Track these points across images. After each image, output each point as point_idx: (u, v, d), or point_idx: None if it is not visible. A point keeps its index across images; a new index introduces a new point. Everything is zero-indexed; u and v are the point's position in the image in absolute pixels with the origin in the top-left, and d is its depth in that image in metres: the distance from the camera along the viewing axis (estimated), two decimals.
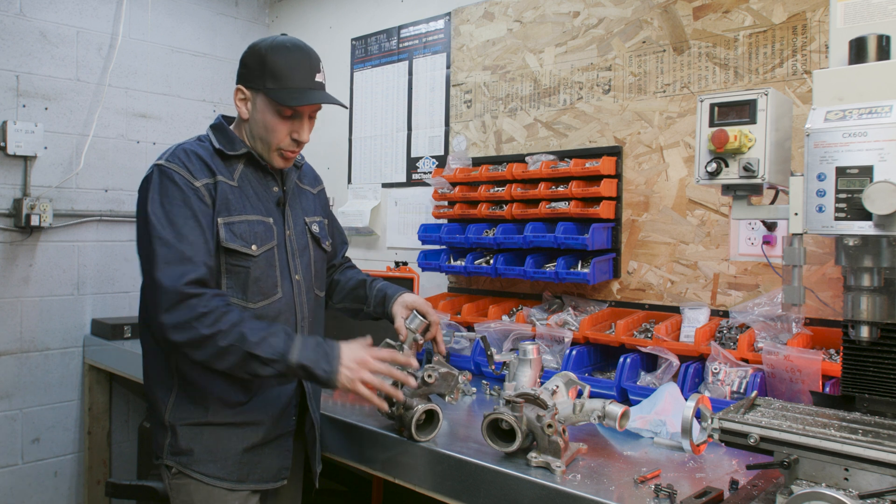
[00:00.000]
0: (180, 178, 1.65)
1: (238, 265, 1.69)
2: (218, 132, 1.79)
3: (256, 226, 1.73)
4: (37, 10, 3.22)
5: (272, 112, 1.71)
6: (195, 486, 1.70)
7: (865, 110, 1.31)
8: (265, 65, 1.70)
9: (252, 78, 1.73)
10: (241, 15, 4.00)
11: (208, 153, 1.73)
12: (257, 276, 1.71)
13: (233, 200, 1.70)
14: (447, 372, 1.79)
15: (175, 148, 1.73)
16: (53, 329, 3.32)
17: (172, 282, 1.55)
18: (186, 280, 1.56)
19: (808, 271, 2.07)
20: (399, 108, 3.38)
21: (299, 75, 1.70)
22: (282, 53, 1.70)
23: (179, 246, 1.59)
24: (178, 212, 1.62)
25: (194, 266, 1.58)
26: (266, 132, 1.73)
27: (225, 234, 1.66)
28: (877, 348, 1.42)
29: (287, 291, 1.78)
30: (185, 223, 1.61)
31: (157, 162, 1.68)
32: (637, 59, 2.50)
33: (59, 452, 3.38)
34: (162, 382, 1.74)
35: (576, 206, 2.46)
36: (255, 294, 1.71)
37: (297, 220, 1.85)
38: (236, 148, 1.75)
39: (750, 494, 1.35)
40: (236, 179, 1.74)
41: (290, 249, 1.80)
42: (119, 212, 3.50)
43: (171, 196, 1.63)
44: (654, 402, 1.87)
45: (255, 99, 1.73)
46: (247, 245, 1.69)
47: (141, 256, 1.65)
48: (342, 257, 2.12)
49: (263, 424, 1.75)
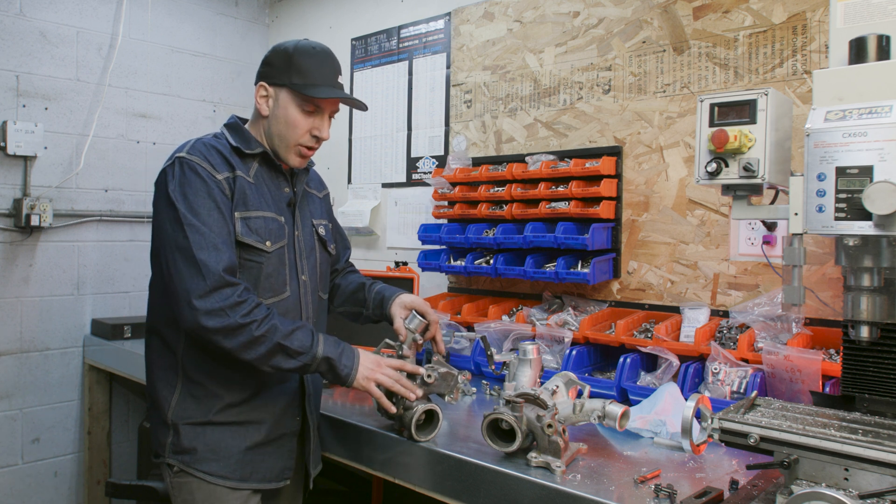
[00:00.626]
0: (202, 169, 1.66)
1: (251, 260, 1.71)
2: (233, 131, 1.80)
3: (271, 223, 1.75)
4: (37, 10, 3.22)
5: (295, 106, 1.74)
6: (197, 484, 1.70)
7: (865, 110, 1.31)
8: (291, 62, 1.73)
9: (276, 74, 1.75)
10: (241, 15, 4.00)
11: (226, 149, 1.75)
12: (269, 272, 1.73)
13: (250, 196, 1.72)
14: (447, 372, 1.79)
15: (194, 141, 1.75)
16: (53, 329, 3.32)
17: (210, 267, 1.58)
18: (223, 267, 1.59)
19: (808, 271, 2.07)
20: (399, 108, 3.38)
21: (324, 73, 1.76)
22: (308, 53, 1.76)
23: (210, 233, 1.61)
24: (202, 202, 1.63)
25: (225, 254, 1.61)
26: (287, 128, 1.75)
27: (241, 229, 1.69)
28: (877, 348, 1.42)
29: (294, 290, 1.80)
30: (210, 214, 1.63)
31: (178, 154, 1.69)
32: (637, 59, 2.50)
33: (59, 452, 3.38)
34: (166, 381, 1.74)
35: (576, 206, 2.46)
36: (266, 290, 1.73)
37: (305, 222, 1.87)
38: (252, 147, 1.77)
39: (750, 494, 1.35)
40: (252, 177, 1.76)
41: (298, 250, 1.82)
42: (119, 212, 3.50)
43: (195, 186, 1.64)
44: (654, 402, 1.87)
45: (278, 95, 1.75)
46: (261, 241, 1.72)
47: (165, 246, 1.65)
48: (345, 262, 2.13)
49: (265, 423, 1.75)
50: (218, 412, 1.71)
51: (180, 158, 1.68)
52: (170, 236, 1.63)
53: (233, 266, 1.63)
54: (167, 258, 1.64)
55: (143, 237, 3.58)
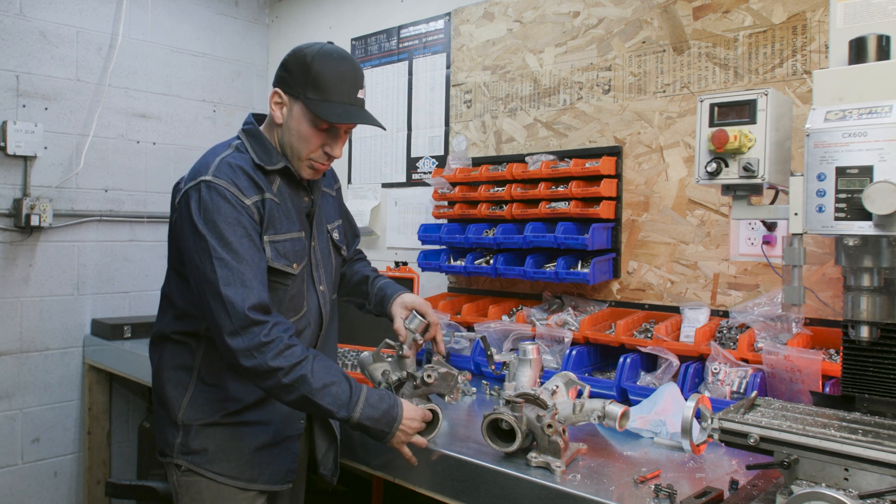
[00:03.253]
0: (231, 195, 1.59)
1: (278, 282, 1.67)
2: (253, 140, 1.71)
3: (297, 244, 1.72)
4: (37, 10, 3.22)
5: (308, 122, 1.65)
6: (206, 483, 1.70)
7: (865, 110, 1.31)
8: (309, 73, 1.63)
9: (293, 84, 1.65)
10: (241, 15, 4.00)
11: (251, 167, 1.66)
12: (293, 293, 1.71)
13: (278, 218, 1.67)
14: (447, 372, 1.79)
15: (219, 161, 1.64)
16: (53, 329, 3.32)
17: (238, 306, 1.52)
18: (249, 305, 1.53)
19: (808, 271, 2.07)
20: (399, 108, 3.38)
21: (342, 90, 1.65)
22: (328, 63, 1.64)
23: (239, 267, 1.55)
24: (232, 231, 1.57)
25: (254, 290, 1.55)
26: (299, 141, 1.67)
27: (271, 254, 1.64)
28: (877, 348, 1.42)
29: (312, 304, 1.77)
30: (241, 242, 1.57)
31: (204, 178, 1.60)
32: (637, 59, 2.50)
33: (59, 452, 3.38)
34: (176, 382, 1.73)
35: (576, 206, 2.46)
36: (289, 311, 1.71)
37: (320, 231, 1.84)
38: (274, 162, 1.70)
39: (750, 494, 1.35)
40: (277, 195, 1.70)
41: (314, 262, 1.79)
42: (119, 212, 3.50)
43: (225, 214, 1.57)
44: (654, 402, 1.87)
45: (292, 106, 1.66)
46: (289, 264, 1.68)
47: (194, 276, 1.60)
48: (353, 250, 2.12)
49: (272, 424, 1.75)
50: (228, 413, 1.71)
51: (207, 182, 1.59)
52: (198, 268, 1.58)
53: (261, 303, 1.55)
54: (198, 288, 1.60)
55: (143, 237, 3.58)
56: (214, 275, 1.54)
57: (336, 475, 1.87)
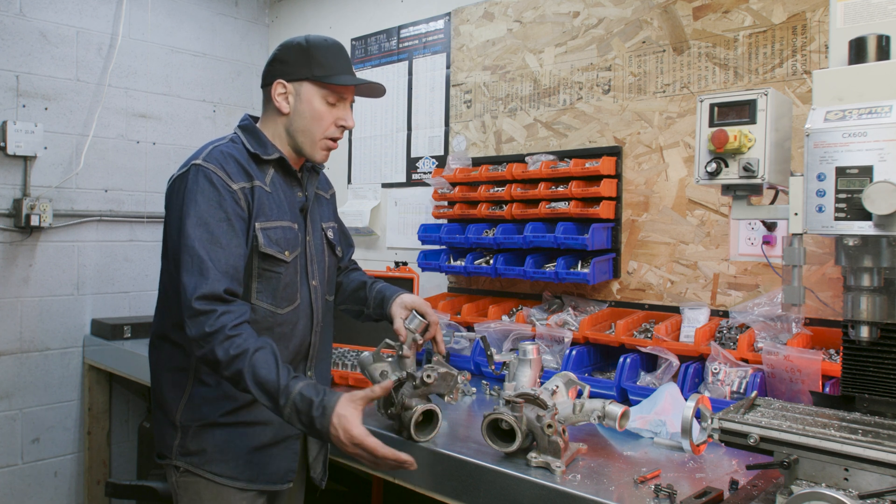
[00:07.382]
0: (218, 178, 1.62)
1: (271, 270, 1.69)
2: (249, 133, 1.76)
3: (288, 232, 1.73)
4: (37, 10, 3.22)
5: (320, 98, 1.73)
6: (205, 484, 1.70)
7: (865, 110, 1.31)
8: (309, 54, 1.73)
9: (295, 69, 1.73)
10: (240, 15, 4.00)
11: (243, 156, 1.70)
12: (287, 282, 1.72)
13: (268, 205, 1.69)
14: (446, 372, 1.79)
15: (211, 148, 1.69)
16: (53, 329, 3.32)
17: (188, 294, 1.54)
18: (199, 294, 1.53)
19: (808, 271, 2.07)
20: (399, 108, 3.38)
21: (342, 62, 1.78)
22: (322, 44, 1.76)
23: (202, 253, 1.56)
24: (212, 213, 1.60)
25: (208, 279, 1.54)
26: (312, 122, 1.74)
27: (263, 240, 1.66)
28: (877, 348, 1.42)
29: (305, 297, 1.78)
30: (219, 226, 1.60)
31: (195, 161, 1.64)
32: (637, 59, 2.50)
33: (59, 452, 3.38)
34: (174, 383, 1.73)
35: (576, 206, 2.46)
36: (283, 300, 1.72)
37: (315, 227, 1.86)
38: (269, 152, 1.73)
39: (750, 494, 1.35)
40: (269, 185, 1.73)
41: (309, 255, 1.80)
42: (119, 212, 3.50)
43: (207, 195, 1.60)
44: (654, 402, 1.87)
45: (299, 90, 1.73)
46: (281, 251, 1.70)
47: (168, 258, 1.65)
48: (348, 260, 2.13)
49: (272, 424, 1.74)
50: (226, 413, 1.70)
51: (196, 165, 1.63)
52: (173, 250, 1.62)
53: (213, 292, 1.53)
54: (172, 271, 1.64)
55: (143, 237, 3.58)
56: (179, 258, 1.58)
57: (325, 478, 1.88)
